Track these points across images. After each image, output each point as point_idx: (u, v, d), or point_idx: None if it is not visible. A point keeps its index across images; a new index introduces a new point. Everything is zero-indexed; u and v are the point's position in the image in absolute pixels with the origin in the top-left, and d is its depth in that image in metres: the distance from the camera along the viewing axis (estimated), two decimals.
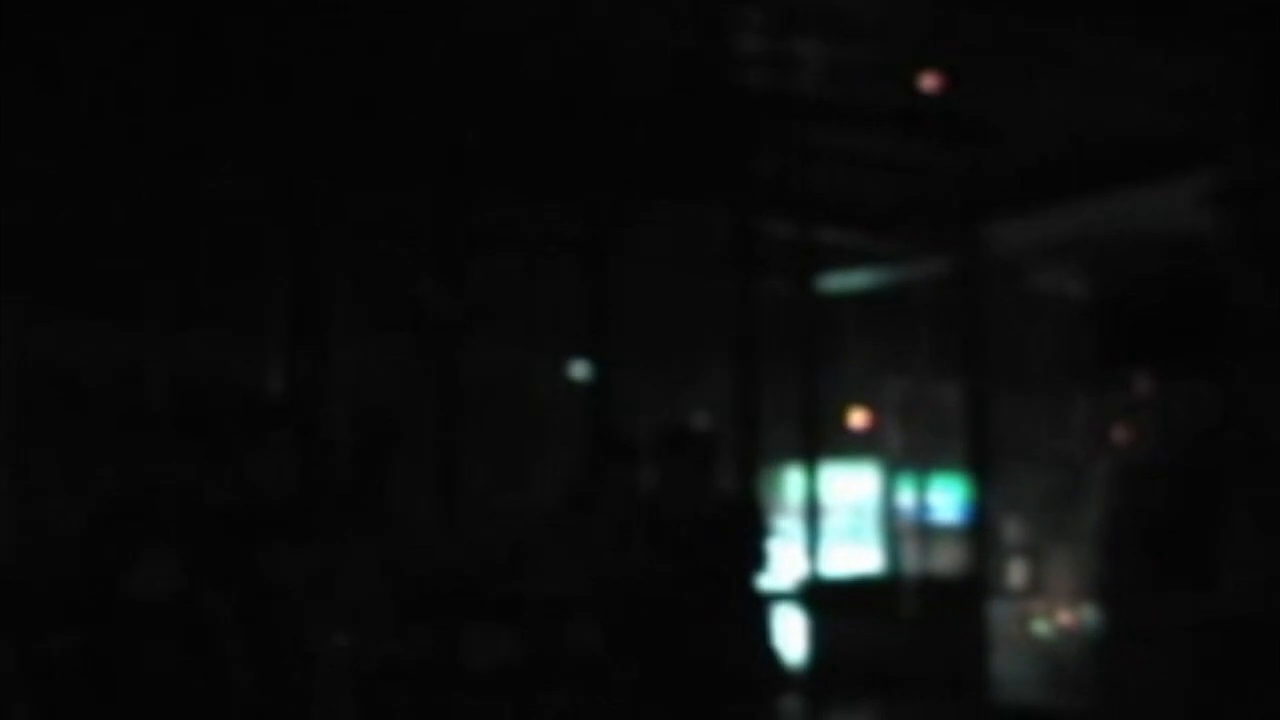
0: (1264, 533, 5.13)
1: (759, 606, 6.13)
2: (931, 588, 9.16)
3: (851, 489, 11.38)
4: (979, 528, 9.03)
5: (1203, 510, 5.73)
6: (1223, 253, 5.45)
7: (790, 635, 7.50)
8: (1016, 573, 11.86)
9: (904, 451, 11.89)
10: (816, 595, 8.13)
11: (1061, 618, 10.70)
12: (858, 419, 11.85)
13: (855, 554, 10.97)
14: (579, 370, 9.27)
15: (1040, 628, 10.90)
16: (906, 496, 11.73)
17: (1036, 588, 11.57)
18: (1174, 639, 5.59)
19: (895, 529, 11.64)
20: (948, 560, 10.56)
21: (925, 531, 11.43)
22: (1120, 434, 6.78)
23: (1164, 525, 6.32)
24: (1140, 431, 6.63)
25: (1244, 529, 5.33)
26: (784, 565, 6.88)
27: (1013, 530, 12.17)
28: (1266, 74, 5.18)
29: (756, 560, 5.94)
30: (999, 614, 10.77)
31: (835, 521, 10.70)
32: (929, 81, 7.45)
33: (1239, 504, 5.34)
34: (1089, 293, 7.47)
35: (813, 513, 8.84)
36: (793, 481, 9.20)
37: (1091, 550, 7.32)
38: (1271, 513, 5.10)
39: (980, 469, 8.93)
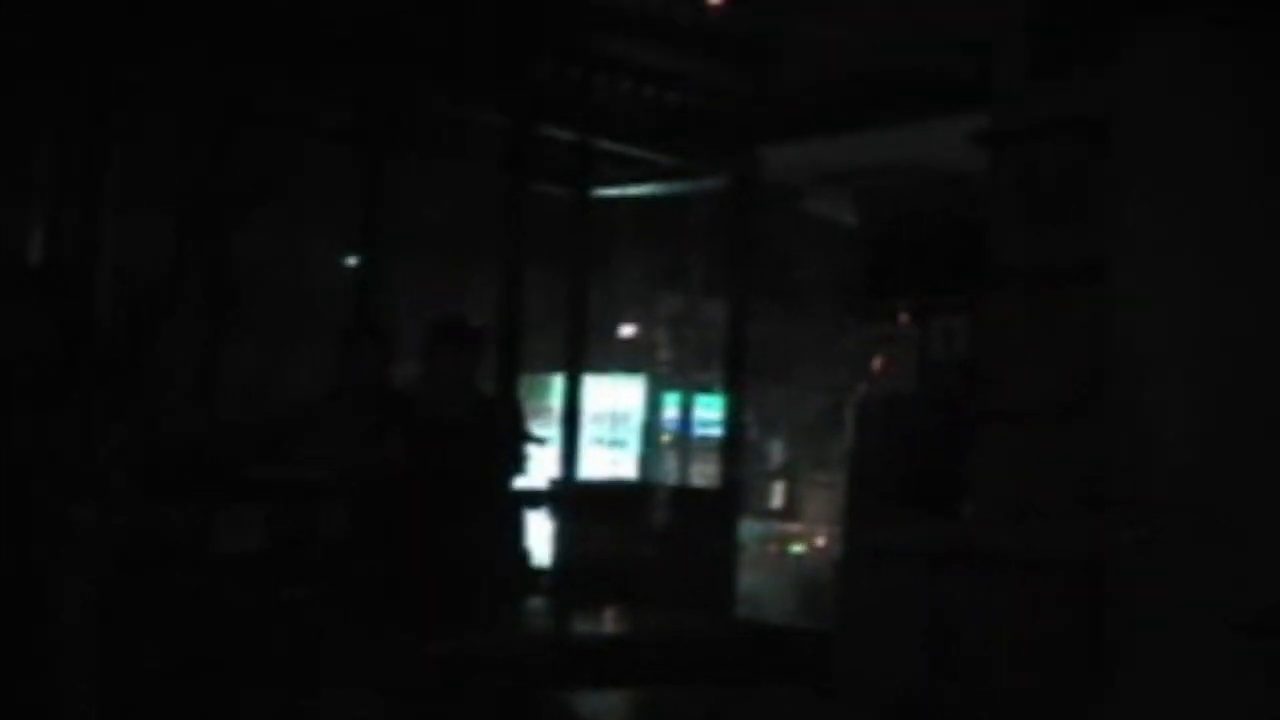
0: (1007, 468, 5.31)
1: (512, 506, 6.17)
2: (686, 502, 9.28)
3: (616, 399, 11.47)
4: (735, 446, 9.17)
5: (949, 443, 5.90)
6: (987, 194, 5.57)
7: (541, 537, 7.55)
8: (776, 494, 12.09)
9: (671, 366, 12.02)
10: (570, 499, 8.18)
11: (816, 540, 10.94)
12: (627, 330, 11.95)
13: (614, 463, 11.08)
14: (351, 261, 9.19)
15: (795, 549, 11.13)
16: (671, 410, 11.86)
17: (795, 510, 11.81)
18: (914, 566, 5.76)
19: (657, 441, 11.77)
20: (705, 476, 10.71)
21: (686, 446, 11.57)
22: (879, 364, 6.94)
23: (911, 455, 6.52)
24: (897, 363, 6.79)
25: (987, 463, 5.50)
26: (541, 468, 6.91)
27: (776, 452, 12.40)
28: (1039, 26, 5.30)
29: (513, 461, 5.97)
30: (758, 534, 10.98)
31: (597, 429, 10.79)
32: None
33: (984, 439, 5.50)
34: (859, 223, 7.60)
35: (573, 418, 8.90)
36: (556, 387, 9.23)
37: (844, 475, 7.49)
38: (1009, 447, 5.27)
39: (738, 388, 9.06)
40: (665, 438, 11.85)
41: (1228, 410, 4.17)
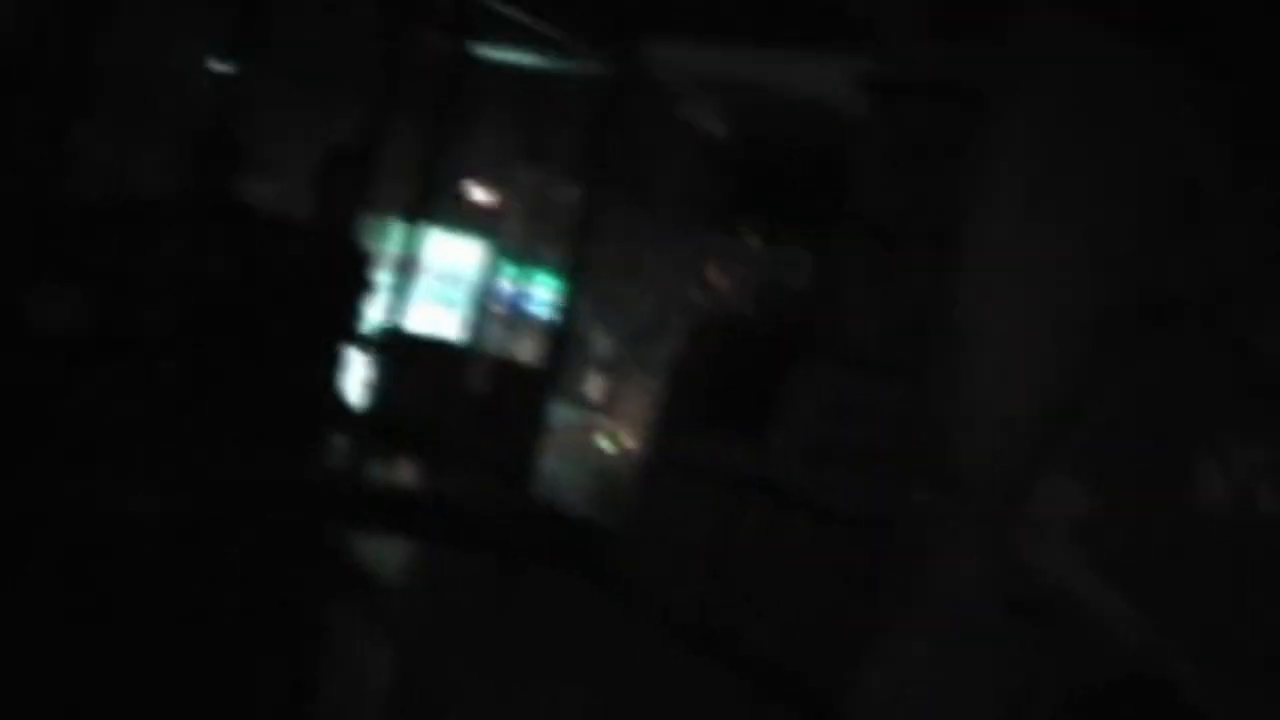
0: (821, 410, 5.34)
1: (337, 346, 6.09)
2: (505, 373, 9.24)
3: (454, 259, 11.36)
4: (563, 329, 9.13)
5: (771, 372, 5.92)
6: (859, 138, 5.56)
7: (355, 380, 7.45)
8: (595, 387, 12.07)
9: (517, 239, 11.90)
10: (391, 348, 8.09)
11: (626, 439, 10.96)
12: (478, 193, 11.79)
13: (441, 321, 10.98)
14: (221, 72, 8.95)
15: (605, 443, 11.12)
16: (507, 281, 11.77)
17: (613, 405, 11.80)
18: (711, 484, 5.79)
19: (487, 308, 11.68)
20: (529, 353, 10.65)
21: (515, 319, 11.51)
22: (719, 279, 6.93)
23: (732, 376, 6.53)
24: (737, 281, 6.79)
25: (803, 402, 5.53)
26: (368, 313, 6.80)
27: (604, 345, 12.37)
28: None
29: (349, 305, 5.90)
30: (571, 421, 10.97)
31: (430, 285, 10.68)
32: None
33: (805, 376, 5.53)
34: (727, 137, 7.56)
35: (406, 270, 8.79)
36: (396, 234, 9.09)
37: (662, 382, 7.50)
38: (828, 390, 5.30)
39: (577, 273, 9.01)
40: (498, 308, 11.76)
41: (1043, 396, 4.21)
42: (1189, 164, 4.19)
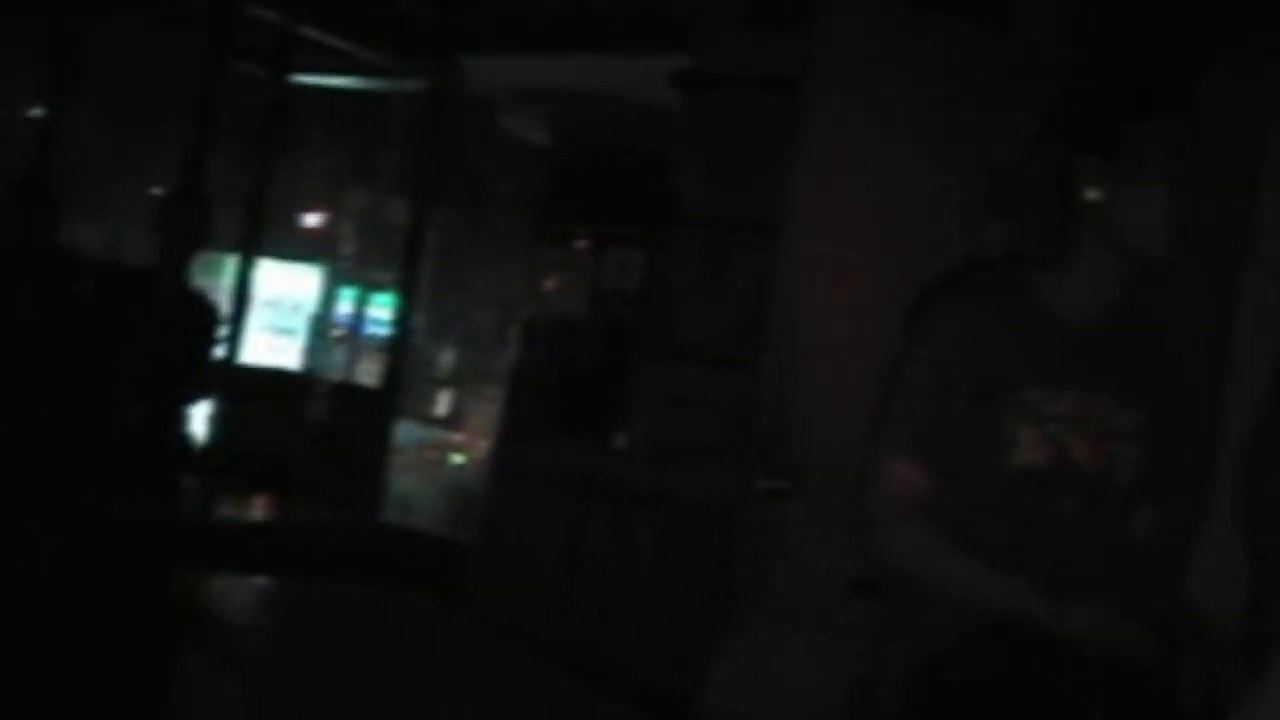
0: (661, 406, 5.28)
1: (178, 385, 5.97)
2: (345, 397, 9.09)
3: (290, 286, 11.17)
4: (401, 347, 9.01)
5: (609, 373, 5.85)
6: (678, 136, 5.53)
7: (197, 417, 7.28)
8: (443, 402, 11.95)
9: (352, 261, 11.75)
10: (231, 382, 7.91)
11: (477, 452, 10.85)
12: (310, 219, 11.63)
13: (280, 350, 10.79)
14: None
15: (456, 458, 11.02)
16: (346, 305, 11.61)
17: (460, 420, 11.69)
18: (558, 491, 5.72)
19: (328, 334, 11.51)
20: (371, 375, 10.51)
21: (356, 342, 11.35)
22: (552, 286, 6.85)
23: (571, 380, 6.47)
24: (570, 287, 6.71)
25: (643, 399, 5.47)
26: (208, 350, 6.65)
27: (446, 360, 12.25)
28: None
29: (188, 344, 5.81)
30: (419, 439, 10.84)
31: (266, 316, 10.49)
32: None
33: (642, 374, 5.47)
34: (550, 145, 7.49)
35: (242, 301, 8.61)
36: (229, 267, 8.90)
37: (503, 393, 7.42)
38: (666, 387, 5.25)
39: (411, 290, 8.90)
40: (338, 332, 11.59)
41: (868, 382, 4.18)
42: (993, 136, 4.19)
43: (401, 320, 9.09)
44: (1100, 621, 2.71)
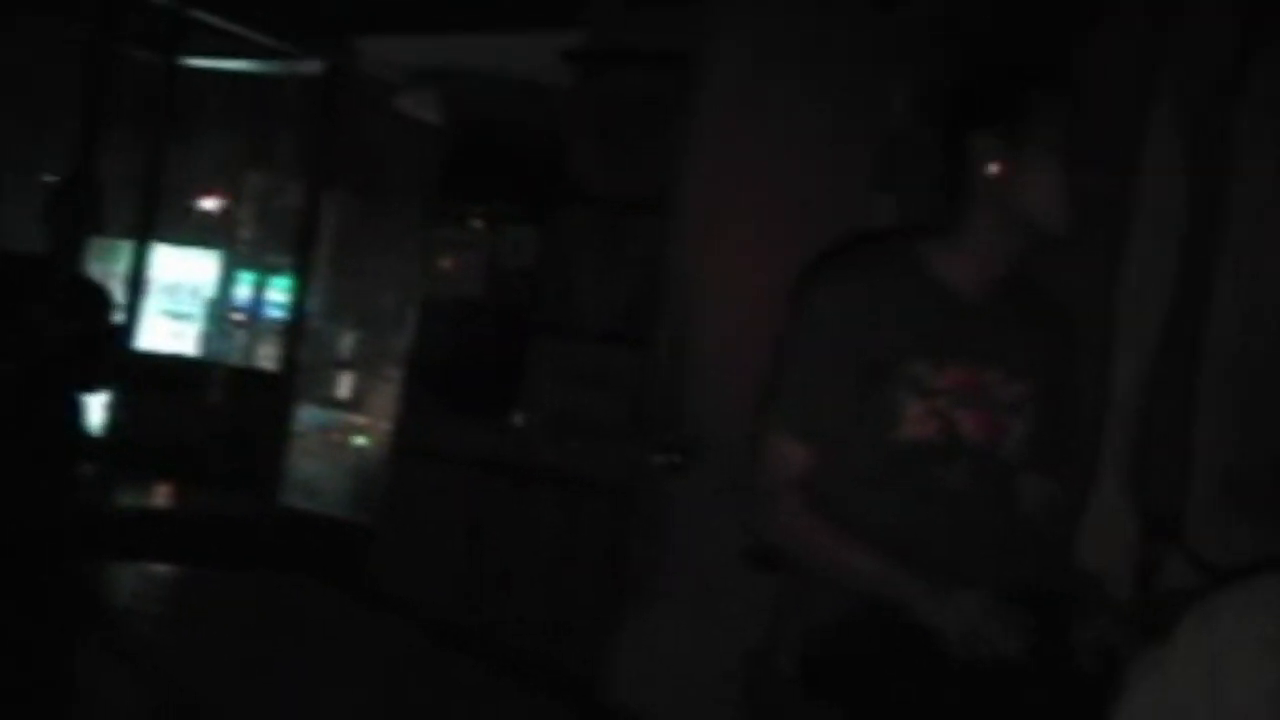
0: (553, 381, 5.25)
1: (74, 374, 5.89)
2: (244, 382, 8.97)
3: (187, 271, 11.02)
4: (299, 330, 8.91)
5: (507, 352, 5.82)
6: (569, 113, 5.49)
7: (95, 406, 7.17)
8: (344, 384, 11.86)
9: (250, 245, 11.62)
10: (127, 370, 7.77)
11: (378, 435, 10.77)
12: (207, 203, 11.47)
13: (178, 336, 10.65)
14: None
15: (359, 441, 10.94)
16: (244, 289, 11.48)
17: (362, 402, 11.61)
18: (458, 472, 5.68)
19: (226, 319, 11.37)
20: (271, 359, 10.40)
21: (255, 327, 11.22)
22: (448, 265, 6.79)
23: (469, 360, 6.42)
24: (466, 267, 6.66)
25: (540, 377, 5.44)
26: (105, 337, 6.55)
27: (347, 342, 12.15)
28: None
29: (84, 332, 5.73)
30: (322, 423, 10.74)
31: (164, 301, 10.35)
32: None
33: (539, 352, 5.44)
34: (444, 125, 7.42)
35: (138, 288, 8.47)
36: (124, 253, 8.75)
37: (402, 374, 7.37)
38: (561, 365, 5.22)
39: (307, 272, 8.80)
40: (237, 316, 11.45)
41: (761, 356, 4.17)
42: (885, 108, 4.19)
43: (298, 303, 8.99)
44: (972, 616, 2.66)
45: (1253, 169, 3.50)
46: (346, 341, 12.12)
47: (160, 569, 5.45)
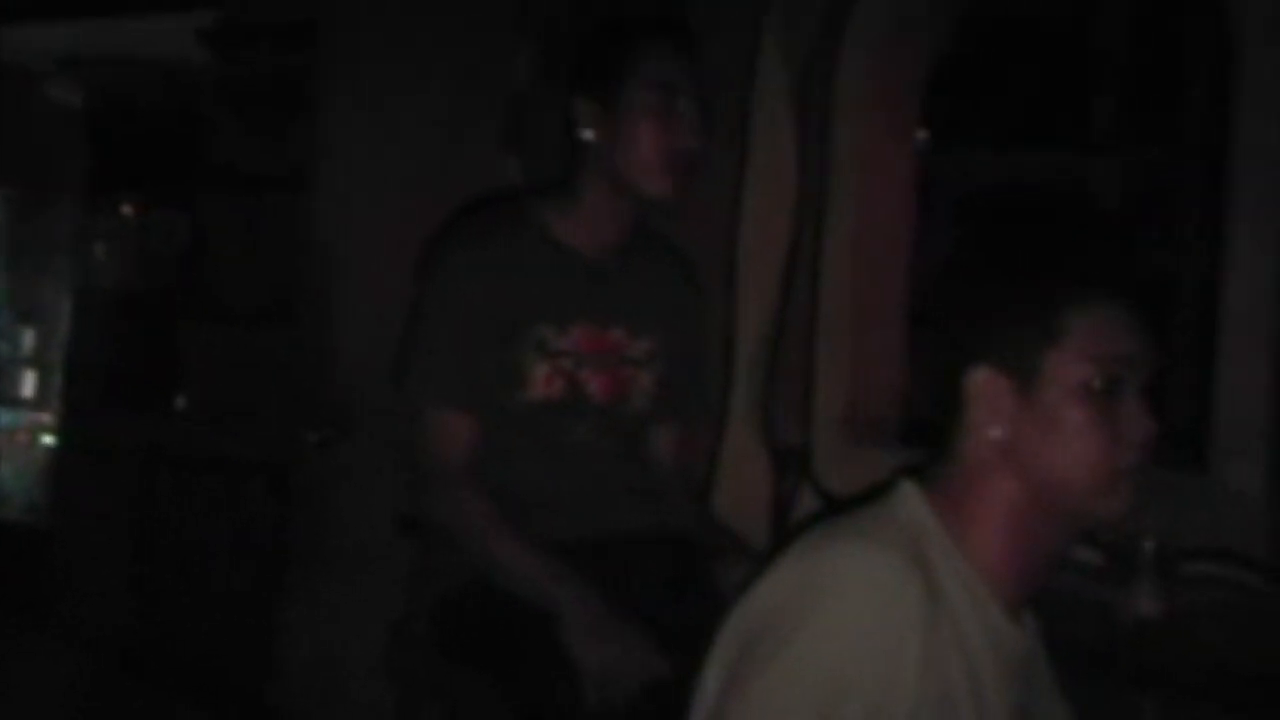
0: (209, 365, 5.10)
1: None
2: None
3: None
4: None
5: (164, 340, 5.62)
6: (208, 94, 5.31)
7: None
8: (29, 383, 11.39)
9: None
10: None
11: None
12: None
13: None
14: None
15: (47, 439, 10.51)
16: None
17: (47, 400, 11.16)
18: (124, 465, 5.47)
19: None
20: None
21: None
22: (100, 254, 6.53)
23: (126, 350, 6.19)
24: (119, 254, 6.42)
25: (197, 362, 5.27)
26: None
27: (29, 340, 11.65)
28: None
29: None
30: (8, 423, 10.26)
31: None
32: None
33: (194, 337, 5.27)
34: (89, 113, 7.12)
35: None
36: None
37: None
38: (214, 348, 5.07)
39: None
40: None
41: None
42: (511, 73, 4.14)
43: None
44: (611, 661, 2.55)
45: (856, 110, 3.57)
46: (27, 339, 11.64)
47: None
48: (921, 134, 3.97)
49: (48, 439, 10.62)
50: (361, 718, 3.72)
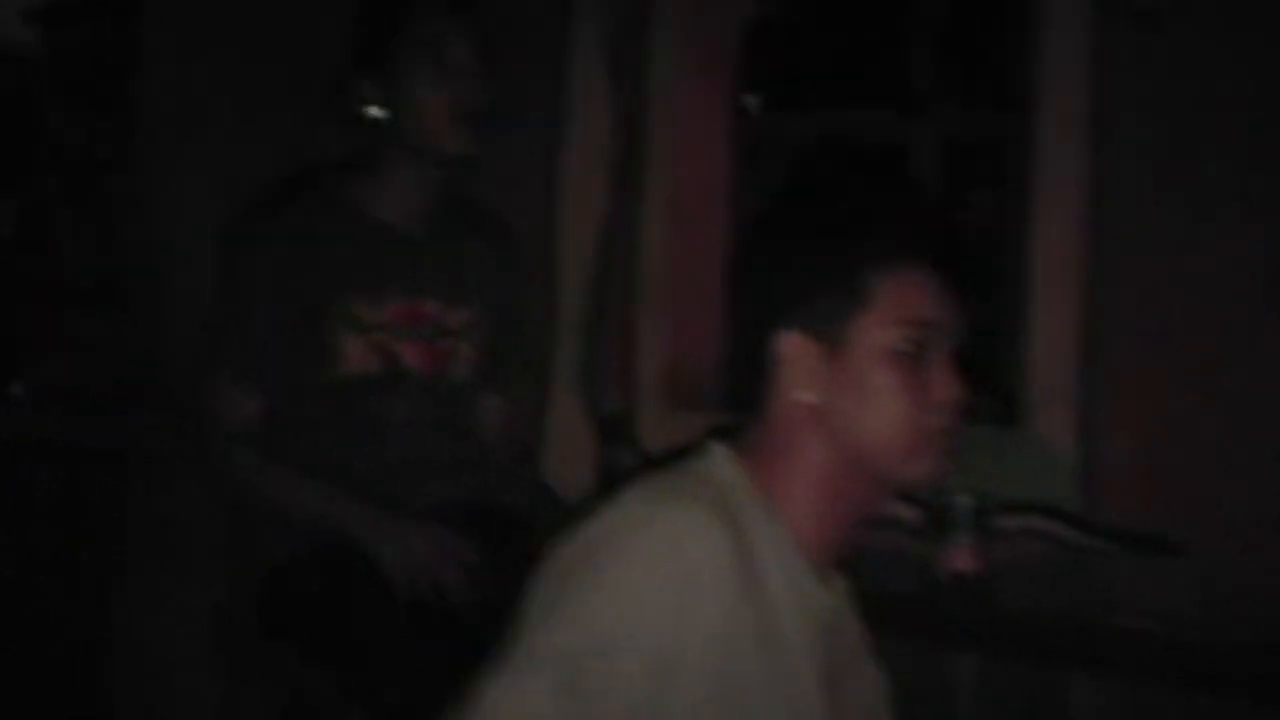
0: (43, 350, 4.97)
1: None
2: None
3: None
4: None
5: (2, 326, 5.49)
6: (38, 74, 5.18)
7: None
8: None
9: None
10: None
11: None
12: None
13: None
14: None
15: None
16: None
17: None
18: None
19: None
20: None
21: None
22: None
23: None
24: None
25: (34, 348, 5.15)
26: None
27: None
28: None
29: None
30: None
31: None
32: None
33: (30, 322, 5.14)
34: None
35: None
36: None
37: None
38: (49, 331, 4.95)
39: None
40: None
41: None
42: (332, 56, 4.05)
43: None
44: (416, 552, 2.66)
45: (671, 72, 3.55)
46: None
47: None
48: (754, 97, 3.96)
49: None
50: (190, 708, 3.67)
